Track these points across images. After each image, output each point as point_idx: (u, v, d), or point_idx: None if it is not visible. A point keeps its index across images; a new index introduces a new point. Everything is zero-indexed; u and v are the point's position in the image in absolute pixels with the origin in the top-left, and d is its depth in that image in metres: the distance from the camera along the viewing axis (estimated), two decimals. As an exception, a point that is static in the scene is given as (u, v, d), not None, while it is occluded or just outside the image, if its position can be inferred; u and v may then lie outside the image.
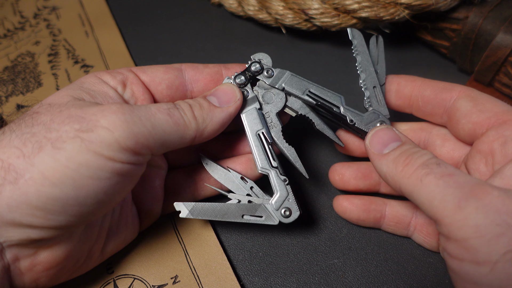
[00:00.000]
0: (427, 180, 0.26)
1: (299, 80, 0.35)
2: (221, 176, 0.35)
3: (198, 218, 0.33)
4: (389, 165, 0.29)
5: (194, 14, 0.55)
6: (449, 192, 0.25)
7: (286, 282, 0.35)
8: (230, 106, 0.33)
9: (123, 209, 0.34)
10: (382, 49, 0.37)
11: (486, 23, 0.41)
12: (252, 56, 0.36)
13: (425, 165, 0.27)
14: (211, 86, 0.36)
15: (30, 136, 0.26)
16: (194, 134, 0.31)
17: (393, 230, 0.37)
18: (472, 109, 0.31)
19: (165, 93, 0.35)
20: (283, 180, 0.34)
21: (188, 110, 0.31)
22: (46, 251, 0.28)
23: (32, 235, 0.26)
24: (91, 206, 0.27)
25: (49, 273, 0.29)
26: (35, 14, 0.55)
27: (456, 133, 0.34)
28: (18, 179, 0.25)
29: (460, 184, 0.25)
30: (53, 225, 0.26)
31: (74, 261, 0.30)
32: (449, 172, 0.26)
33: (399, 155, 0.29)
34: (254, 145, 0.34)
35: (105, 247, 0.33)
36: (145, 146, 0.28)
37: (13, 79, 0.49)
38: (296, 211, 0.33)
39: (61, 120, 0.27)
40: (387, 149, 0.30)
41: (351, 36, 0.36)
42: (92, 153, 0.26)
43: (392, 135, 0.31)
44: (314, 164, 0.42)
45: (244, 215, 0.33)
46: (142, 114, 0.28)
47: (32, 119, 0.27)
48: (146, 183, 0.35)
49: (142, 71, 0.35)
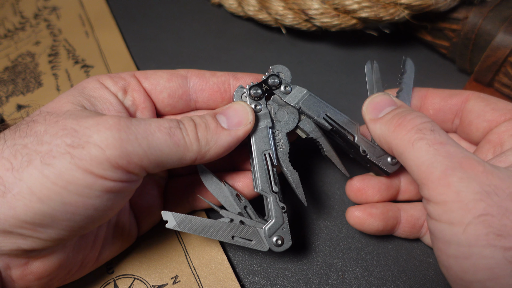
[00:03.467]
0: (418, 145, 0.27)
1: (317, 101, 0.34)
2: (215, 189, 0.33)
3: (185, 232, 0.31)
4: (382, 127, 0.30)
5: (194, 14, 0.55)
6: (437, 160, 0.26)
7: (286, 282, 0.35)
8: (239, 129, 0.30)
9: (120, 218, 0.33)
10: (378, 75, 0.35)
11: (486, 23, 0.41)
12: (272, 67, 0.34)
13: (418, 129, 0.28)
14: (217, 96, 0.35)
15: (21, 148, 0.25)
16: (195, 157, 0.29)
17: (407, 235, 0.36)
18: (485, 108, 0.32)
19: (167, 102, 0.34)
20: (281, 207, 0.32)
21: (192, 130, 0.29)
22: (38, 261, 0.27)
23: (22, 245, 0.25)
24: (81, 221, 0.26)
25: (41, 282, 0.28)
26: (35, 14, 0.56)
27: (468, 134, 0.34)
28: (6, 193, 0.24)
29: (449, 154, 0.26)
30: (43, 238, 0.26)
31: (67, 270, 0.30)
32: (441, 141, 0.27)
33: (392, 117, 0.30)
34: (258, 165, 0.32)
35: (100, 255, 0.32)
36: (138, 165, 0.27)
37: (13, 79, 0.49)
38: (289, 241, 0.32)
39: (54, 132, 0.26)
40: (382, 113, 0.31)
41: (404, 65, 0.36)
42: (81, 171, 0.25)
43: (387, 100, 0.32)
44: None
45: (234, 236, 0.31)
46: (139, 131, 0.27)
47: (27, 127, 0.27)
48: (145, 191, 0.35)
49: (145, 77, 0.34)
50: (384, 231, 0.35)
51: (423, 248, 0.37)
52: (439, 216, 0.25)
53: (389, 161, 0.34)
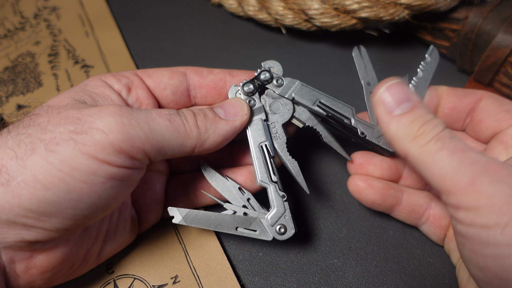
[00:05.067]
0: (440, 155, 0.26)
1: (309, 90, 0.35)
2: (219, 184, 0.34)
3: (191, 226, 0.32)
4: (400, 129, 0.28)
5: (194, 14, 0.55)
6: (462, 168, 0.25)
7: (286, 282, 0.35)
8: (236, 120, 0.32)
9: (122, 213, 0.34)
10: (367, 59, 0.36)
11: (486, 23, 0.41)
12: (263, 64, 0.35)
13: (438, 138, 0.27)
14: (214, 93, 0.36)
15: (24, 137, 0.26)
16: (195, 143, 0.30)
17: (404, 218, 0.36)
18: (498, 109, 0.33)
19: (170, 98, 0.35)
20: (281, 196, 0.33)
21: (191, 118, 0.30)
22: (42, 255, 0.28)
23: (26, 236, 0.26)
24: (85, 210, 0.26)
25: (44, 276, 0.28)
26: (35, 14, 0.56)
27: (477, 132, 0.34)
28: (10, 181, 0.24)
29: (473, 159, 0.26)
30: (48, 227, 0.26)
31: (70, 265, 0.30)
32: (461, 148, 0.26)
33: (413, 122, 0.28)
34: (255, 157, 0.33)
35: (102, 250, 0.33)
36: (141, 150, 0.27)
37: (13, 79, 0.49)
38: (292, 229, 0.32)
39: (57, 121, 0.26)
40: (399, 110, 0.29)
41: (429, 53, 0.35)
42: (85, 156, 0.25)
43: (406, 93, 0.29)
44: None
45: (238, 227, 0.32)
46: (140, 117, 0.27)
47: (30, 120, 0.27)
48: (147, 187, 0.35)
49: (148, 76, 0.34)
50: (381, 207, 0.36)
51: (423, 248, 0.37)
52: (472, 221, 0.25)
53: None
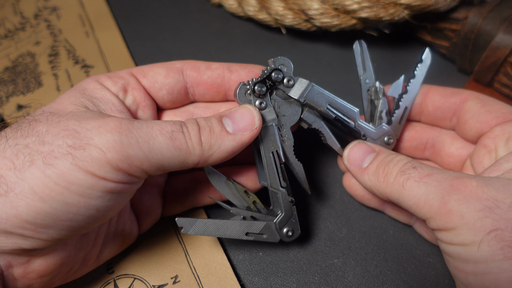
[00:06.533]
0: (408, 185, 0.28)
1: (319, 92, 0.34)
2: (224, 188, 0.34)
3: (200, 235, 0.32)
4: (371, 178, 0.31)
5: (194, 14, 0.55)
6: (431, 191, 0.27)
7: (286, 282, 0.35)
8: (245, 135, 0.30)
9: (121, 216, 0.33)
10: (367, 55, 0.36)
11: (486, 23, 0.41)
12: (274, 61, 0.33)
13: (402, 171, 0.29)
14: (212, 90, 0.35)
15: (22, 148, 0.25)
16: (197, 161, 0.29)
17: (396, 216, 0.38)
18: (481, 110, 0.33)
19: (167, 98, 0.34)
20: (290, 201, 0.33)
21: (195, 134, 0.28)
22: (40, 259, 0.27)
23: (23, 245, 0.26)
24: (83, 221, 0.26)
25: (42, 280, 0.28)
26: (35, 14, 0.56)
27: (463, 133, 0.35)
28: (8, 192, 0.24)
29: (439, 181, 0.27)
30: (45, 238, 0.26)
31: (69, 268, 0.30)
32: (426, 173, 0.28)
33: (377, 167, 0.31)
34: (266, 162, 0.32)
35: (101, 253, 0.32)
36: (139, 169, 0.27)
37: (13, 79, 0.49)
38: (298, 231, 0.34)
39: (56, 132, 0.26)
40: (365, 163, 0.32)
41: (426, 56, 0.36)
42: (83, 172, 0.25)
43: (365, 148, 0.34)
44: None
45: (248, 233, 0.32)
46: (141, 135, 0.26)
47: (29, 126, 0.27)
48: (145, 189, 0.35)
49: (143, 75, 0.34)
50: (371, 202, 0.37)
51: (423, 248, 0.37)
52: (451, 240, 0.26)
53: (385, 140, 0.36)
